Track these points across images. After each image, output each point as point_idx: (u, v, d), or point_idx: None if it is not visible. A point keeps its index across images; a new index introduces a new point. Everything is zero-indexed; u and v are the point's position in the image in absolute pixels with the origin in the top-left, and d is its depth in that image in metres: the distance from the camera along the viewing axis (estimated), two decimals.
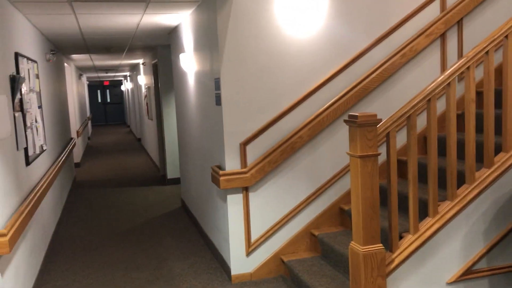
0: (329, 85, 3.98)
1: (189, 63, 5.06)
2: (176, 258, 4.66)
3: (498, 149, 3.19)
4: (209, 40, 4.08)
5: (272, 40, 3.83)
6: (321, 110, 3.92)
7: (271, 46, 3.83)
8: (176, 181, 8.18)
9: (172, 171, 8.34)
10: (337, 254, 3.54)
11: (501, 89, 3.14)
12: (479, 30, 4.20)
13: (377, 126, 2.74)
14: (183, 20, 5.31)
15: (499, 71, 3.81)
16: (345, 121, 2.79)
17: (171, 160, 8.32)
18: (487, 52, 3.02)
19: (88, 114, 18.12)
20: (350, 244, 2.83)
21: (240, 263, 3.93)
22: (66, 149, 7.32)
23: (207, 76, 4.29)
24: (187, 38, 5.17)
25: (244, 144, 3.83)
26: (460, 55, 4.21)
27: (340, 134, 4.01)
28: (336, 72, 3.97)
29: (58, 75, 7.65)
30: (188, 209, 6.18)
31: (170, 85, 7.99)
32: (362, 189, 2.72)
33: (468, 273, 3.06)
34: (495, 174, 3.06)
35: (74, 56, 9.47)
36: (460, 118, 3.92)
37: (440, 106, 3.95)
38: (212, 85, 4.07)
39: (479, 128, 3.34)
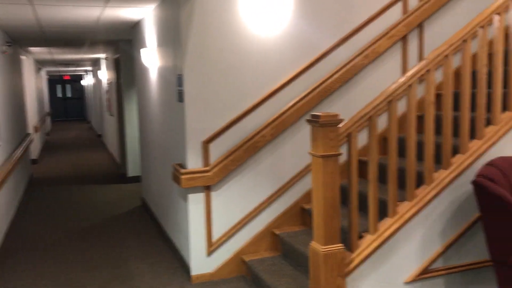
0: (293, 84, 3.97)
1: (151, 58, 4.96)
2: (135, 258, 4.56)
3: (457, 151, 3.25)
4: (173, 36, 4.00)
5: (237, 38, 3.79)
6: (284, 109, 3.91)
7: (236, 44, 3.79)
8: (137, 179, 8.01)
9: (133, 169, 8.18)
10: (297, 253, 3.54)
11: (459, 92, 3.21)
12: (439, 33, 4.29)
13: (339, 126, 2.75)
14: (146, 14, 5.19)
15: (458, 74, 3.89)
16: (307, 120, 2.79)
17: (132, 157, 8.16)
18: (446, 56, 3.08)
19: (47, 109, 17.57)
20: (311, 243, 2.83)
21: (201, 263, 3.88)
22: (22, 145, 7.05)
23: (170, 72, 4.21)
24: (150, 33, 5.06)
25: (206, 142, 3.77)
26: (421, 57, 4.29)
27: (303, 133, 4.01)
28: (300, 71, 3.97)
29: (14, 68, 7.35)
30: (149, 208, 6.07)
31: (132, 80, 7.83)
32: (323, 188, 2.72)
33: (425, 273, 3.11)
34: (453, 175, 3.12)
35: (32, 49, 9.14)
36: (420, 119, 3.99)
37: (401, 107, 4.02)
38: (175, 81, 3.99)
39: (439, 130, 3.40)
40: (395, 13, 4.18)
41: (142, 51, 5.00)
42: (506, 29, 3.36)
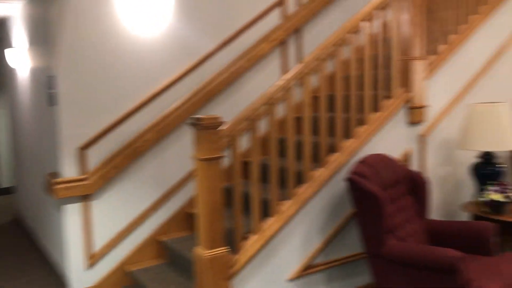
0: (176, 87, 3.89)
1: (20, 59, 4.56)
2: (8, 277, 4.14)
3: (334, 150, 3.41)
4: (45, 35, 3.71)
5: (116, 38, 3.62)
6: (168, 112, 3.81)
7: (114, 44, 3.61)
8: (9, 191, 7.34)
9: (6, 179, 7.48)
10: (183, 259, 3.46)
11: (333, 94, 3.38)
12: (317, 38, 4.49)
13: (222, 128, 2.74)
14: (14, 11, 4.76)
15: (333, 78, 4.11)
16: (189, 123, 2.73)
17: (4, 167, 7.45)
18: (321, 60, 3.23)
19: None
20: (195, 248, 2.78)
21: (81, 277, 3.63)
22: None
23: (42, 74, 3.90)
24: (20, 32, 4.65)
25: (83, 148, 3.54)
26: (300, 61, 4.46)
27: (188, 137, 3.95)
28: (183, 73, 3.91)
29: None
30: (24, 222, 5.57)
31: (1, 83, 7.15)
32: (206, 192, 2.69)
33: (307, 268, 3.22)
34: (330, 173, 3.27)
35: None
36: (299, 121, 4.14)
37: (284, 109, 4.14)
38: (47, 84, 3.70)
39: (317, 130, 3.56)
40: (274, 18, 4.30)
41: (7, 52, 4.58)
42: (373, 36, 3.61)
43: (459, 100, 3.99)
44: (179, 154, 3.94)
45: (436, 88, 3.84)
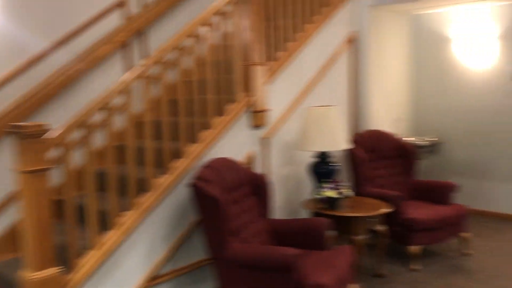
0: (3, 91, 3.49)
1: None
2: None
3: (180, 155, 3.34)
4: None
5: None
6: None
7: None
8: None
9: None
10: (11, 285, 3.10)
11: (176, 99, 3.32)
12: (163, 40, 4.39)
13: (49, 137, 2.50)
14: None
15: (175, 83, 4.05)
16: (7, 132, 2.45)
17: None
18: (160, 63, 3.15)
19: None
20: (21, 271, 2.50)
21: None
22: None
23: None
24: None
25: None
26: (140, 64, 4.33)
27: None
28: (10, 75, 3.51)
29: None
30: None
31: None
32: (32, 207, 2.43)
33: (154, 279, 3.10)
34: (175, 179, 3.20)
35: None
36: (141, 126, 4.00)
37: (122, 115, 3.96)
38: None
39: (160, 136, 3.46)
40: (115, 19, 4.11)
41: None
42: (215, 41, 3.64)
43: (297, 103, 4.23)
44: (8, 166, 3.52)
45: (276, 92, 4.01)
